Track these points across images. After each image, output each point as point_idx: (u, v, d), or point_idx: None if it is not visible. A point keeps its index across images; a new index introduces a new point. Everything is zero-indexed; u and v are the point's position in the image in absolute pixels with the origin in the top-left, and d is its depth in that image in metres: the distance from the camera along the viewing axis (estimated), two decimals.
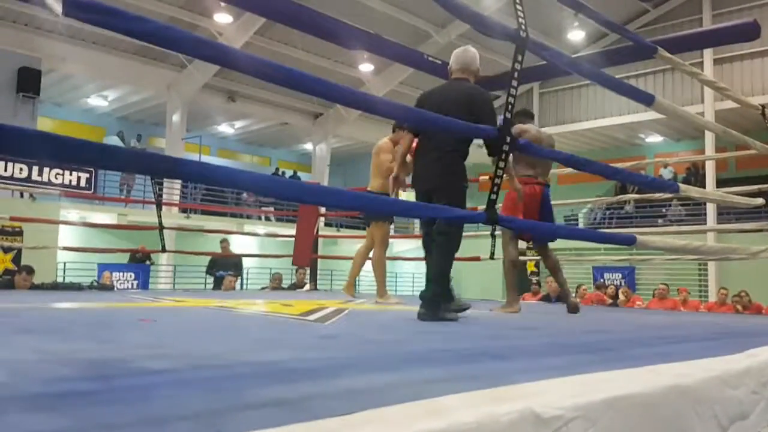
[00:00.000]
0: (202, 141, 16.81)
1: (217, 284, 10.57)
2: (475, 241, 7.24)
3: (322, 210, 7.68)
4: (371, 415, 1.04)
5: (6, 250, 9.13)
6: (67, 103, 16.87)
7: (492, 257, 6.34)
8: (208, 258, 10.80)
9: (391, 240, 5.44)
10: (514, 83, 2.01)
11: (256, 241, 16.01)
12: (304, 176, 19.09)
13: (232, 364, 1.62)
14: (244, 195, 17.06)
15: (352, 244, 12.59)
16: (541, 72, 3.50)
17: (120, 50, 14.31)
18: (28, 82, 12.84)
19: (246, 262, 12.75)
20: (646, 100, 2.88)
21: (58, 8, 1.32)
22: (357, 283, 5.86)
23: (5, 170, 10.96)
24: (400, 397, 1.15)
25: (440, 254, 3.25)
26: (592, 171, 2.68)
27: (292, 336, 2.42)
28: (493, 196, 2.07)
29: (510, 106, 2.03)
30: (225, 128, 19.35)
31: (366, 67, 16.00)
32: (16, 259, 9.26)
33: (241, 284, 12.98)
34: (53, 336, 2.24)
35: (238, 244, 14.79)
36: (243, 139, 20.50)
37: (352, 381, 1.36)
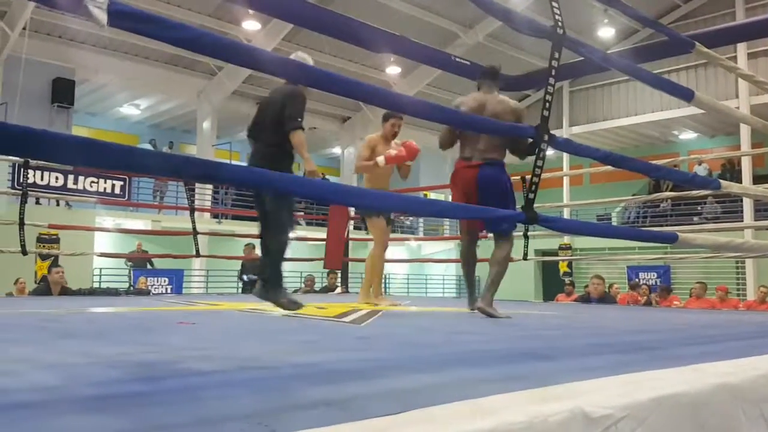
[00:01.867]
0: (232, 147, 17.00)
1: (247, 288, 10.70)
2: None
3: (352, 213, 7.70)
4: (420, 414, 1.04)
5: (44, 258, 9.35)
6: (100, 113, 17.22)
7: (525, 258, 6.27)
8: (239, 262, 10.93)
9: (420, 242, 5.25)
10: (551, 81, 1.99)
11: None
12: (333, 180, 19.19)
13: (275, 365, 1.63)
14: None
15: None
16: (576, 69, 3.47)
17: (151, 59, 14.56)
18: (63, 92, 13.14)
19: None
20: (686, 95, 2.84)
21: (103, 18, 1.35)
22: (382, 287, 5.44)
23: (42, 179, 11.21)
24: (446, 397, 1.14)
25: (275, 236, 3.48)
26: (631, 168, 2.65)
27: (330, 338, 2.43)
28: (531, 195, 2.05)
29: (547, 104, 2.02)
30: None
31: (393, 70, 16.02)
32: (54, 266, 9.48)
33: None
34: (98, 340, 2.29)
35: None
36: None
37: (396, 381, 1.37)
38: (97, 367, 1.58)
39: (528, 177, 6.42)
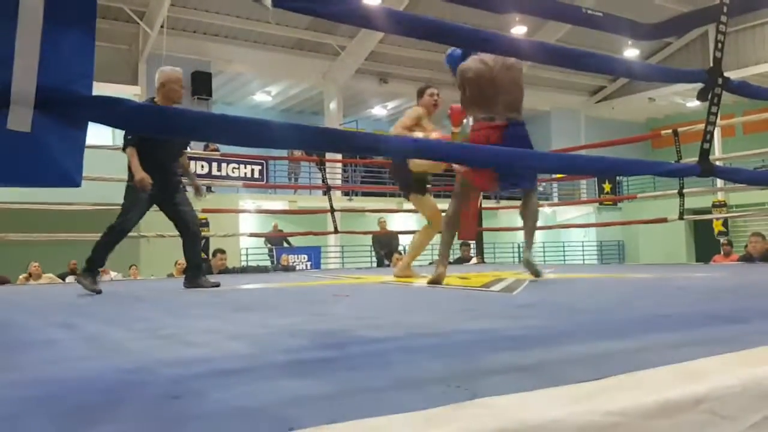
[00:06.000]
0: (358, 125, 17.33)
1: (380, 261, 10.97)
2: (655, 203, 6.70)
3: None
4: (626, 379, 0.99)
5: None
6: (236, 102, 18.19)
7: (681, 217, 5.78)
8: (369, 237, 11.20)
9: (556, 207, 5.03)
10: (723, 18, 1.81)
11: (415, 218, 16.29)
12: None
13: (447, 332, 1.64)
14: None
15: (512, 214, 12.34)
16: (744, 5, 3.11)
17: (279, 46, 15.12)
18: (201, 84, 14.01)
19: (407, 239, 13.00)
20: None
21: (268, 1, 1.39)
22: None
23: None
24: (645, 362, 1.08)
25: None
26: None
27: (487, 306, 2.40)
28: (706, 145, 1.88)
29: (720, 45, 1.84)
30: (378, 110, 19.79)
31: (519, 30, 15.47)
32: (205, 248, 10.22)
33: None
34: (269, 312, 2.42)
35: (399, 223, 15.13)
36: (396, 119, 20.80)
37: (581, 347, 1.31)
38: (280, 336, 1.67)
39: (680, 129, 5.92)
